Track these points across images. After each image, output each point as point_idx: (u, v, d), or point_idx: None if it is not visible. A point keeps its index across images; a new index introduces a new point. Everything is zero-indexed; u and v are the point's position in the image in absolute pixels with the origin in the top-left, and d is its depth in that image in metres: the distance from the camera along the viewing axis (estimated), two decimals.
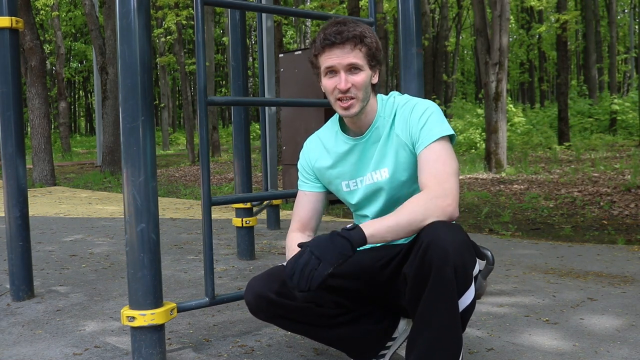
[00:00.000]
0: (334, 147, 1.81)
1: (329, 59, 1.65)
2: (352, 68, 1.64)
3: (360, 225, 1.51)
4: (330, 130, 1.85)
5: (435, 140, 1.64)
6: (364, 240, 1.49)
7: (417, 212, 1.52)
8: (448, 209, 1.54)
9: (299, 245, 1.54)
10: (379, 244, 1.83)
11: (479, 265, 1.67)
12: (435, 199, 1.54)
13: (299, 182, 1.89)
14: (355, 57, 1.64)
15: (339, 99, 1.66)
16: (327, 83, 1.68)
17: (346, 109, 1.66)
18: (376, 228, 1.51)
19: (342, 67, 1.64)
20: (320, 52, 1.66)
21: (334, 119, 1.85)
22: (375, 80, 1.72)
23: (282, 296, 1.67)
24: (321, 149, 1.84)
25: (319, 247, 1.47)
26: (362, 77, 1.65)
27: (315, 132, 1.90)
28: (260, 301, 1.69)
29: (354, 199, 1.82)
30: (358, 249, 1.50)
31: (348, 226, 1.53)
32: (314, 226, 1.84)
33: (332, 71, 1.66)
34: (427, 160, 1.63)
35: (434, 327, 1.49)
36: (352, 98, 1.65)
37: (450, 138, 1.68)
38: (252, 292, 1.69)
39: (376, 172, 1.75)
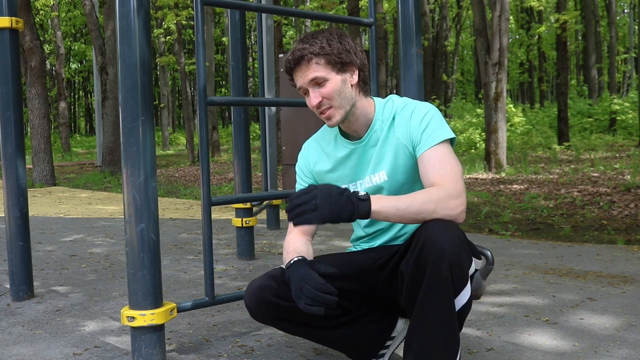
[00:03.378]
0: (333, 151, 1.81)
1: (296, 81, 1.69)
2: (317, 82, 1.65)
3: (371, 197, 1.50)
4: (329, 134, 1.85)
5: (438, 143, 1.64)
6: (368, 214, 1.49)
7: (429, 204, 1.51)
8: (459, 209, 1.54)
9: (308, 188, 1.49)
10: (376, 245, 1.83)
11: (477, 264, 1.67)
12: (449, 197, 1.54)
13: (296, 185, 1.89)
14: (315, 70, 1.64)
15: (319, 112, 1.69)
16: (306, 102, 1.72)
17: (328, 119, 1.69)
18: (384, 206, 1.50)
19: (307, 85, 1.67)
20: (290, 77, 1.71)
21: None
22: (353, 80, 1.70)
23: (282, 298, 1.66)
24: (320, 153, 1.85)
25: (324, 197, 1.45)
26: (329, 87, 1.65)
27: (313, 136, 1.90)
28: (259, 304, 1.68)
29: None
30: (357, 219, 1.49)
31: (361, 194, 1.49)
32: (311, 230, 1.82)
33: (304, 91, 1.69)
34: (434, 161, 1.63)
35: (429, 325, 1.49)
36: (328, 108, 1.67)
37: (451, 141, 1.69)
38: (252, 296, 1.69)
39: (375, 175, 1.76)
